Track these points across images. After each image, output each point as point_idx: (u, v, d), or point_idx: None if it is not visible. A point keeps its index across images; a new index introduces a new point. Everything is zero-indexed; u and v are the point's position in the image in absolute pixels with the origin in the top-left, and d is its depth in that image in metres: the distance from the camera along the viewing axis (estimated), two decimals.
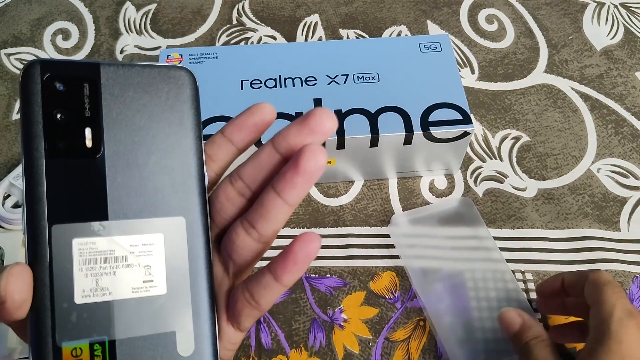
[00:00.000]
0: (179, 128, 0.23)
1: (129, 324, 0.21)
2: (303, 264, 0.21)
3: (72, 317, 0.20)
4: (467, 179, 0.48)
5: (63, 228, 0.20)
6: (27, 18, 0.59)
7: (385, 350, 0.40)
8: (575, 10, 0.60)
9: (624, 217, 0.46)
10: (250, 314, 0.23)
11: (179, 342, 0.22)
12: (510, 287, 0.41)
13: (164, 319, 0.22)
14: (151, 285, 0.22)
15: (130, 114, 0.22)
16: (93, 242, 0.21)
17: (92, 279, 0.21)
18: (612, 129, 0.51)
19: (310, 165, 0.21)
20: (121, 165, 0.22)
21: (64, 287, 0.20)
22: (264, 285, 0.22)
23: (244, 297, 0.23)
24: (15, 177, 0.45)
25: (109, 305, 0.21)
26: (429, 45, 0.47)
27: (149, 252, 0.22)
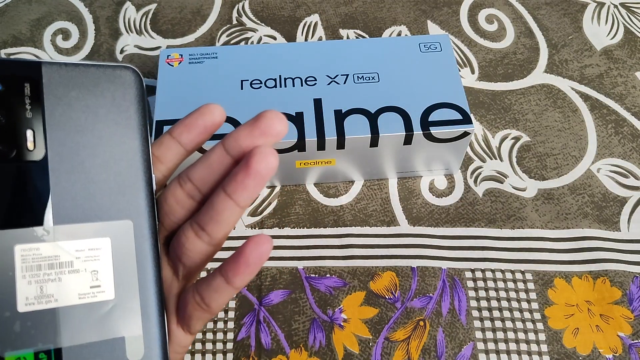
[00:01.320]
0: (125, 129, 0.22)
1: (76, 331, 0.20)
2: (255, 267, 0.21)
3: (15, 327, 0.19)
4: (467, 179, 0.48)
5: (4, 234, 0.20)
6: (26, 18, 0.59)
7: (385, 350, 0.39)
8: (575, 10, 0.60)
9: (624, 217, 0.46)
10: (200, 317, 0.23)
11: (128, 347, 0.21)
12: None
13: (112, 324, 0.21)
14: (98, 290, 0.21)
15: (74, 115, 0.21)
16: (37, 247, 0.20)
17: (36, 285, 0.20)
18: (612, 128, 0.51)
19: (262, 167, 0.20)
20: (65, 167, 0.21)
21: (6, 295, 0.19)
22: (215, 289, 0.22)
23: (195, 301, 0.22)
24: None
25: (54, 312, 0.20)
26: (429, 45, 0.47)
27: (95, 256, 0.21)
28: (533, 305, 0.41)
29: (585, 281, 0.42)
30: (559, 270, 0.43)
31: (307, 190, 0.47)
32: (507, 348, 0.39)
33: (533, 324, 0.40)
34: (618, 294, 0.42)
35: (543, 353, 0.39)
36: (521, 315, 0.41)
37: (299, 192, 0.47)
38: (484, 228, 0.45)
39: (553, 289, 0.42)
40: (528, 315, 0.41)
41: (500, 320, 0.41)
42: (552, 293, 0.42)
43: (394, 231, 0.45)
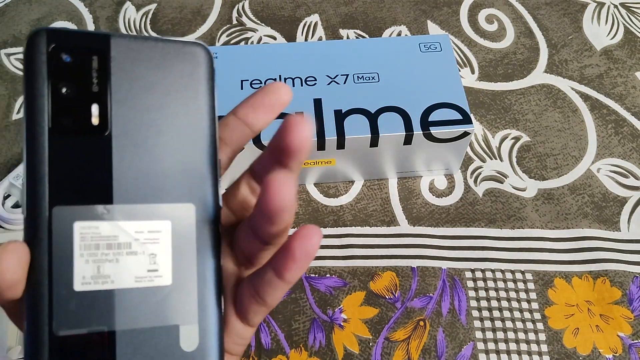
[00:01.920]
0: (192, 108, 0.21)
1: (131, 314, 0.20)
2: (303, 262, 0.19)
3: (70, 305, 0.19)
4: (467, 179, 0.48)
5: (64, 210, 0.19)
6: (27, 18, 0.59)
7: (385, 350, 0.39)
8: (575, 10, 0.60)
9: (624, 217, 0.46)
10: (258, 311, 0.22)
11: (183, 336, 0.21)
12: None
13: (167, 311, 0.20)
14: (156, 275, 0.20)
15: (141, 91, 0.20)
16: (96, 226, 0.19)
17: (94, 265, 0.19)
18: (612, 129, 0.51)
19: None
20: (129, 145, 0.20)
21: (63, 272, 0.19)
22: (268, 283, 0.21)
23: (250, 294, 0.21)
24: (15, 177, 0.45)
25: (110, 294, 0.19)
26: (429, 45, 0.47)
27: (155, 239, 0.20)
28: (533, 305, 0.41)
29: (585, 281, 0.42)
30: (559, 270, 0.43)
31: (307, 190, 0.47)
32: (507, 348, 0.39)
33: (533, 323, 0.40)
34: (618, 294, 0.42)
35: (543, 353, 0.39)
36: (521, 315, 0.41)
37: (299, 192, 0.47)
38: (484, 228, 0.45)
39: (553, 289, 0.42)
40: (528, 315, 0.41)
41: (501, 320, 0.41)
42: (552, 293, 0.42)
43: (394, 231, 0.45)
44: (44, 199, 0.19)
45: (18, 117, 0.52)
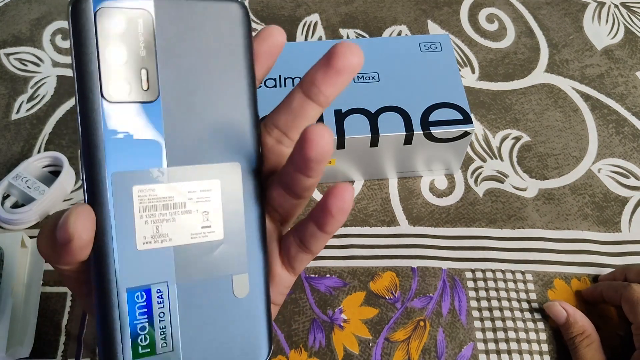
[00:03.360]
0: (233, 68, 0.22)
1: (188, 269, 0.21)
2: (340, 217, 0.21)
3: (134, 263, 0.20)
4: (467, 178, 0.48)
5: (122, 175, 0.20)
6: (26, 18, 0.59)
7: (385, 351, 0.39)
8: (576, 10, 0.60)
9: (625, 217, 0.45)
10: (304, 259, 0.24)
11: (235, 285, 0.22)
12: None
13: (220, 263, 0.22)
14: (209, 230, 0.22)
15: (184, 52, 0.21)
16: (152, 189, 0.20)
17: (153, 225, 0.21)
18: (612, 128, 0.51)
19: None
20: (177, 108, 0.21)
21: (126, 234, 0.20)
22: (311, 234, 0.22)
23: (296, 243, 0.23)
24: (14, 177, 0.45)
25: (169, 251, 0.21)
26: (429, 45, 0.47)
27: (206, 198, 0.21)
28: (533, 305, 0.41)
29: (584, 284, 0.42)
30: (559, 271, 0.43)
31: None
32: (507, 348, 0.39)
33: (534, 323, 0.40)
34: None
35: (544, 352, 0.39)
36: (522, 315, 0.41)
37: None
38: (484, 228, 0.45)
39: (553, 290, 0.42)
40: (528, 315, 0.41)
41: (501, 320, 0.40)
42: (551, 294, 0.42)
43: (394, 231, 0.45)
44: (103, 166, 0.19)
45: (18, 116, 0.52)
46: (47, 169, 0.48)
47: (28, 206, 0.44)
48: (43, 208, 0.44)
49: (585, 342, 0.36)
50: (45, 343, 0.40)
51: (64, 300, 0.41)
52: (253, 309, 0.23)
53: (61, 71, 0.55)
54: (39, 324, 0.40)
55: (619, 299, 0.37)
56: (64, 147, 0.49)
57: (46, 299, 0.41)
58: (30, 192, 0.44)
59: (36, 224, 0.45)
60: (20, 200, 0.46)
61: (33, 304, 0.40)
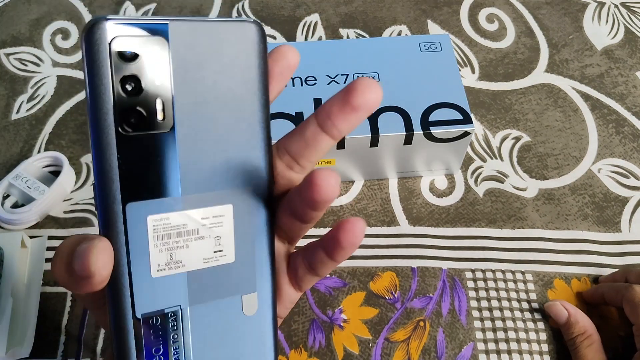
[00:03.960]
0: (248, 93, 0.21)
1: (201, 292, 0.22)
2: (350, 250, 0.22)
3: (149, 290, 0.21)
4: (467, 178, 0.48)
5: (137, 206, 0.20)
6: (26, 18, 0.59)
7: (385, 351, 0.39)
8: (576, 10, 0.60)
9: (625, 217, 0.45)
10: (311, 280, 0.24)
11: (245, 304, 0.23)
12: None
13: (231, 284, 0.22)
14: (221, 254, 0.22)
15: (199, 80, 0.20)
16: (167, 217, 0.21)
17: (167, 253, 0.21)
18: (612, 128, 0.51)
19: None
20: (192, 137, 0.20)
21: (141, 262, 0.20)
22: (320, 261, 0.23)
23: (305, 267, 0.24)
24: (14, 177, 0.45)
25: (182, 276, 0.21)
26: (429, 45, 0.47)
27: (219, 223, 0.22)
28: (533, 305, 0.41)
29: (584, 284, 0.42)
30: (559, 272, 0.43)
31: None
32: (507, 348, 0.39)
33: (534, 323, 0.40)
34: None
35: (544, 352, 0.39)
36: (522, 315, 0.41)
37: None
38: (484, 228, 0.45)
39: (553, 290, 0.42)
40: (529, 315, 0.41)
41: (501, 320, 0.40)
42: (551, 294, 0.42)
43: (394, 231, 0.45)
44: (117, 197, 0.20)
45: (17, 117, 0.52)
46: (47, 169, 0.48)
47: (28, 206, 0.44)
48: (43, 208, 0.44)
49: (586, 343, 0.36)
50: (45, 343, 0.40)
51: (64, 301, 0.41)
52: (261, 326, 0.23)
53: (61, 71, 0.55)
54: (39, 324, 0.40)
55: (620, 300, 0.37)
56: (63, 147, 0.49)
57: (46, 299, 0.41)
58: (30, 192, 0.44)
59: (36, 224, 0.45)
60: (20, 200, 0.46)
61: (33, 304, 0.40)
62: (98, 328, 0.40)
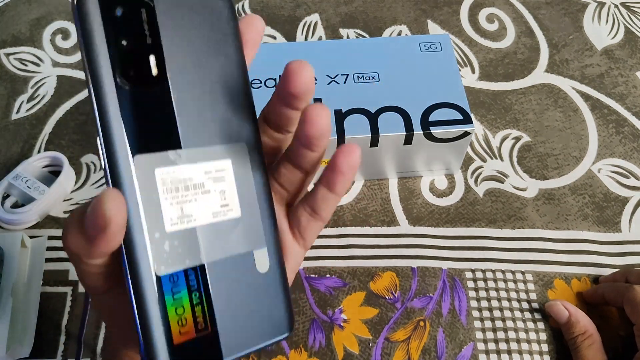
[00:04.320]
0: (227, 52, 0.22)
1: (214, 247, 0.22)
2: (349, 174, 0.22)
3: (165, 246, 0.20)
4: (467, 178, 0.48)
5: (144, 158, 0.20)
6: (26, 18, 0.59)
7: (385, 351, 0.39)
8: (576, 10, 0.60)
9: (625, 217, 0.45)
10: (314, 227, 0.25)
11: (257, 260, 0.23)
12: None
13: (242, 239, 0.23)
14: (228, 209, 0.22)
15: (185, 38, 0.21)
16: (172, 170, 0.21)
17: (177, 206, 0.21)
18: (613, 128, 0.51)
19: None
20: (185, 92, 0.21)
21: (154, 216, 0.20)
22: (321, 198, 0.24)
23: (306, 212, 0.24)
24: (14, 177, 0.45)
25: (194, 231, 0.21)
26: (429, 45, 0.47)
27: (221, 177, 0.22)
28: (533, 305, 0.41)
29: (584, 284, 0.42)
30: (559, 272, 0.43)
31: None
32: (507, 348, 0.39)
33: (534, 323, 0.40)
34: None
35: (544, 352, 0.39)
36: (522, 315, 0.41)
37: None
38: (484, 228, 0.45)
39: (553, 290, 0.42)
40: (529, 315, 0.41)
41: (501, 320, 0.40)
42: (551, 294, 0.42)
43: (394, 231, 0.45)
44: (125, 150, 0.20)
45: (17, 116, 0.51)
46: (47, 169, 0.48)
47: (28, 206, 0.44)
48: (43, 208, 0.44)
49: (587, 342, 0.36)
50: (45, 343, 0.40)
51: (64, 300, 0.41)
52: (275, 283, 0.23)
53: (61, 71, 0.55)
54: (39, 324, 0.40)
55: (621, 300, 0.37)
56: (64, 147, 0.49)
57: (46, 299, 0.41)
58: (30, 192, 0.44)
59: (36, 224, 0.45)
60: (20, 200, 0.46)
61: (33, 304, 0.40)
62: (98, 328, 0.40)
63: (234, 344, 0.22)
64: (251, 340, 0.22)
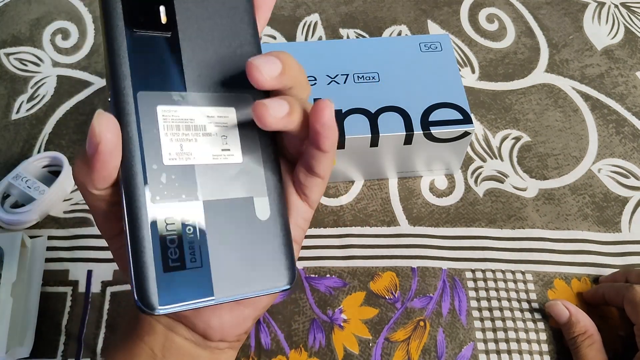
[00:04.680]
0: (240, 12, 0.24)
1: (212, 187, 0.22)
2: (328, 131, 0.22)
3: (161, 178, 0.21)
4: (467, 178, 0.48)
5: (147, 95, 0.22)
6: (26, 18, 0.59)
7: (385, 351, 0.39)
8: (576, 10, 0.60)
9: (625, 217, 0.45)
10: (314, 184, 0.25)
11: (257, 207, 0.23)
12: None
13: (241, 185, 0.23)
14: (228, 153, 0.23)
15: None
16: (174, 110, 0.22)
17: (177, 143, 0.22)
18: (613, 128, 0.51)
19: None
20: (193, 41, 0.23)
21: (153, 149, 0.21)
22: (312, 156, 0.24)
23: (304, 169, 0.25)
24: (14, 177, 0.45)
25: (192, 168, 0.22)
26: (429, 45, 0.47)
27: (224, 123, 0.23)
28: (533, 305, 0.41)
29: (584, 284, 0.42)
30: (559, 272, 0.43)
31: None
32: (507, 348, 0.39)
33: (534, 323, 0.40)
34: None
35: (544, 352, 0.39)
36: (522, 315, 0.41)
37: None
38: (484, 228, 0.45)
39: (553, 290, 0.42)
40: (529, 315, 0.41)
41: (501, 320, 0.40)
42: (551, 294, 0.42)
43: (394, 231, 0.45)
44: (129, 86, 0.21)
45: (17, 116, 0.51)
46: (47, 169, 0.47)
47: (28, 206, 0.44)
48: (43, 208, 0.44)
49: (587, 342, 0.36)
50: (45, 343, 0.40)
51: (64, 300, 0.41)
52: (276, 232, 0.24)
53: (61, 71, 0.55)
54: (38, 324, 0.40)
55: (621, 300, 0.37)
56: (63, 147, 0.49)
57: (46, 299, 0.41)
58: (30, 192, 0.44)
59: (36, 224, 0.45)
60: (20, 200, 0.46)
61: (33, 304, 0.40)
62: (98, 328, 0.40)
63: (227, 285, 0.22)
64: (246, 285, 0.22)
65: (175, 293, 0.21)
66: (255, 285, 0.23)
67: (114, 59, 0.21)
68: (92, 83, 0.54)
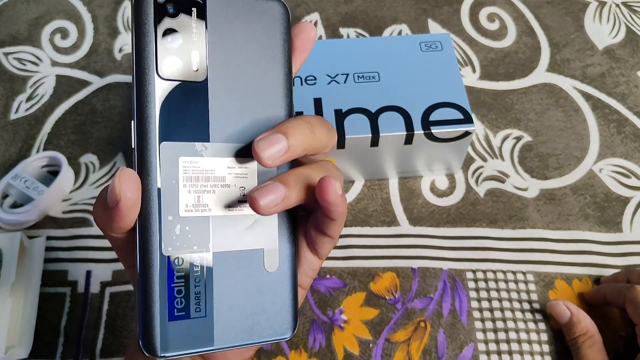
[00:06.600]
0: (274, 60, 0.24)
1: (224, 239, 0.23)
2: (335, 207, 0.23)
3: (176, 229, 0.22)
4: (468, 178, 0.48)
5: (171, 146, 0.22)
6: (25, 17, 0.59)
7: (386, 352, 0.39)
8: (577, 9, 0.60)
9: (627, 217, 0.45)
10: (324, 242, 0.25)
11: (266, 259, 0.24)
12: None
13: (254, 236, 0.24)
14: (245, 206, 0.23)
15: (231, 41, 0.23)
16: (196, 161, 0.22)
17: (195, 195, 0.22)
18: (614, 128, 0.51)
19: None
20: (222, 90, 0.23)
21: (171, 200, 0.22)
22: (321, 220, 0.24)
23: (314, 228, 0.25)
24: (13, 177, 0.45)
25: (207, 220, 0.22)
26: (430, 44, 0.47)
27: (244, 174, 0.23)
28: (534, 306, 0.41)
29: (585, 284, 0.42)
30: (560, 272, 0.43)
31: None
32: (508, 349, 0.39)
33: (535, 324, 0.40)
34: None
35: (545, 353, 0.39)
36: (523, 316, 0.40)
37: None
38: (485, 228, 0.45)
39: (554, 290, 0.42)
40: (530, 316, 0.40)
41: (502, 321, 0.40)
42: (552, 294, 0.41)
43: (395, 231, 0.45)
44: (154, 136, 0.21)
45: (16, 116, 0.51)
46: (46, 169, 0.47)
47: (27, 206, 0.44)
48: (42, 208, 0.44)
49: (588, 343, 0.36)
50: (44, 344, 0.40)
51: (62, 301, 0.41)
52: (282, 284, 0.24)
53: (60, 71, 0.55)
54: (37, 325, 0.40)
55: (622, 301, 0.37)
56: (62, 147, 0.49)
57: (45, 299, 0.41)
58: (29, 192, 0.44)
59: (35, 224, 0.45)
60: (19, 200, 0.46)
61: (32, 305, 0.40)
62: (97, 329, 0.40)
63: (228, 335, 0.23)
64: (247, 334, 0.23)
65: (177, 341, 0.22)
66: (256, 334, 0.23)
67: (142, 105, 0.21)
68: (91, 83, 0.54)
